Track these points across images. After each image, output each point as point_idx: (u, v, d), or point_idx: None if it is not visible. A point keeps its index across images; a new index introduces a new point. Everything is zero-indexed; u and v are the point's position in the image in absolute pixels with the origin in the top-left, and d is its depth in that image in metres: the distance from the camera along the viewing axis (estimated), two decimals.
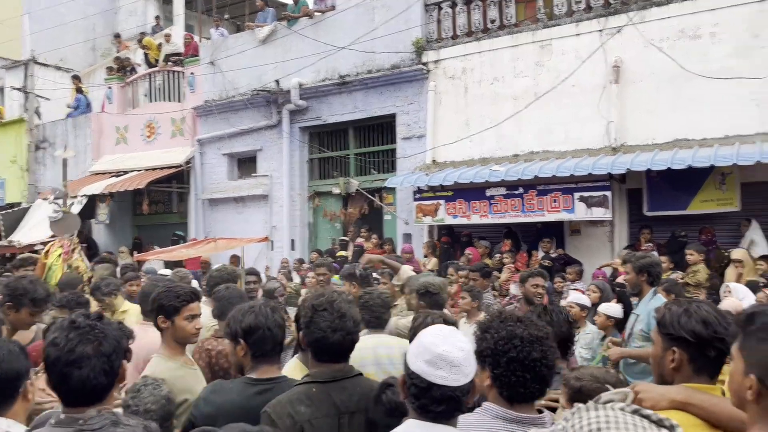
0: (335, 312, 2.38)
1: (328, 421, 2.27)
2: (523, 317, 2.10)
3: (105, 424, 1.31)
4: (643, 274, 4.65)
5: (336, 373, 2.38)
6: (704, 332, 1.92)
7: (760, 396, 1.54)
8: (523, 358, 1.96)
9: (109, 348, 1.87)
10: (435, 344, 1.78)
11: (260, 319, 2.54)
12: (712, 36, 8.82)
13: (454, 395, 1.76)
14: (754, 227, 8.33)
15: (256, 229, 12.89)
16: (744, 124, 8.53)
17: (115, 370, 1.88)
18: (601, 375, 2.51)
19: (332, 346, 2.36)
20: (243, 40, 13.44)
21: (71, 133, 16.19)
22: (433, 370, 1.75)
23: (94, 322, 1.92)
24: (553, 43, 9.98)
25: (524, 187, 9.44)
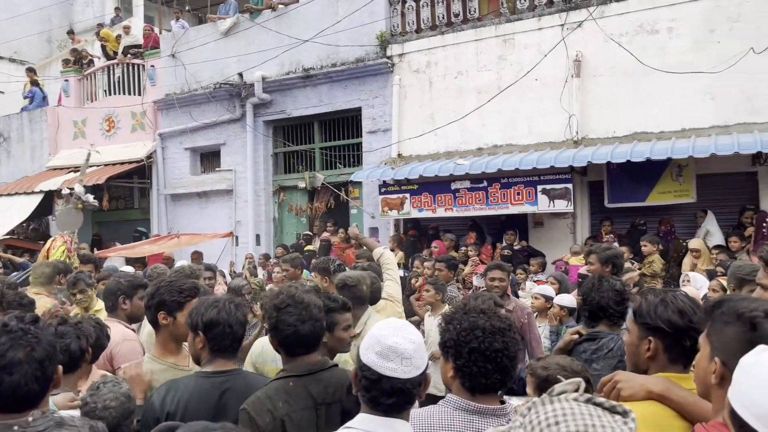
0: (299, 304, 2.40)
1: (306, 414, 2.29)
2: (486, 309, 2.11)
3: (49, 426, 1.29)
4: (608, 265, 4.75)
5: (312, 366, 2.40)
6: (680, 322, 1.95)
7: (723, 380, 1.57)
8: (484, 348, 1.98)
9: (42, 354, 1.79)
10: (386, 336, 1.78)
11: (222, 314, 2.54)
12: (670, 31, 9.02)
13: (404, 387, 1.76)
14: (709, 218, 8.58)
15: (221, 224, 12.74)
16: (700, 117, 8.76)
17: (48, 376, 1.79)
18: (567, 364, 2.54)
19: (305, 338, 2.38)
20: (205, 33, 13.22)
21: (27, 127, 15.70)
22: (383, 362, 1.76)
23: (27, 326, 1.83)
24: (515, 37, 10.08)
25: (488, 180, 9.53)
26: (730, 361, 1.55)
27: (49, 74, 16.91)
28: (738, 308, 1.61)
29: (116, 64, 14.76)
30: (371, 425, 1.78)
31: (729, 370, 1.54)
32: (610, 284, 3.20)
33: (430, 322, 5.58)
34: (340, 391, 2.37)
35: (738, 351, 1.54)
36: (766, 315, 1.57)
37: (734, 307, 1.62)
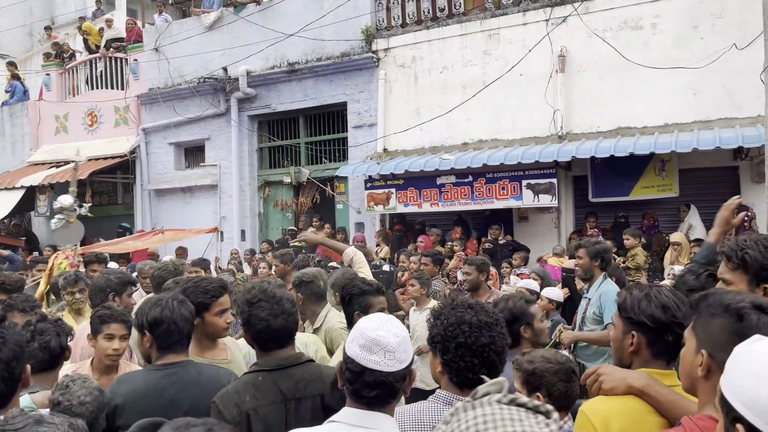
0: (271, 299, 2.40)
1: (273, 409, 2.28)
2: (474, 304, 2.11)
3: (28, 423, 1.27)
4: (597, 259, 4.78)
5: (282, 361, 2.39)
6: (663, 317, 1.95)
7: (710, 372, 1.57)
8: (471, 343, 1.98)
9: (8, 354, 1.74)
10: (370, 329, 1.78)
11: (166, 312, 2.59)
12: (653, 27, 9.08)
13: (387, 381, 1.75)
14: (692, 212, 8.66)
15: (205, 219, 12.65)
16: (682, 112, 8.84)
17: (15, 376, 1.75)
18: (552, 356, 2.56)
19: (277, 332, 2.38)
20: (188, 26, 13.10)
21: (7, 122, 15.48)
22: (367, 354, 1.75)
23: None
24: (500, 32, 10.09)
25: (474, 175, 9.55)
26: (717, 353, 1.55)
27: (30, 68, 16.68)
28: (724, 300, 1.62)
29: (99, 58, 14.59)
30: (354, 419, 1.78)
31: (716, 362, 1.55)
32: None
33: (416, 317, 5.59)
34: (312, 386, 2.36)
35: (725, 342, 1.54)
36: (752, 306, 1.58)
37: (720, 300, 1.63)
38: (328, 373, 2.45)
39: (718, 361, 1.54)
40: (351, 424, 1.77)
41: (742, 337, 1.51)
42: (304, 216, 12.01)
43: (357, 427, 1.76)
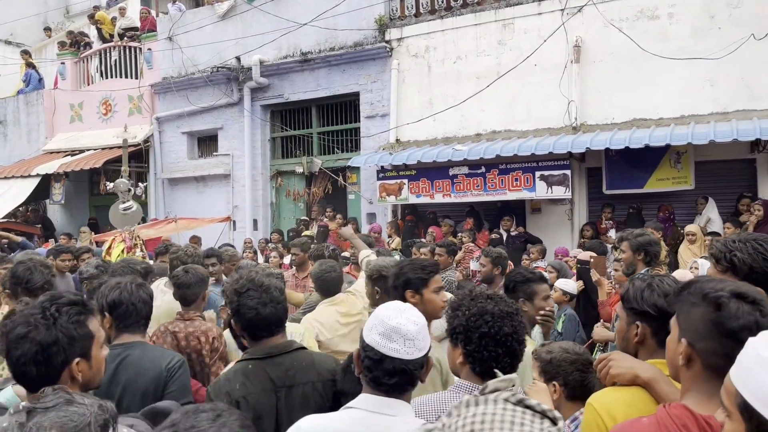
0: (259, 287, 2.42)
1: (263, 396, 2.30)
2: (493, 294, 2.13)
3: (59, 402, 1.29)
4: (640, 252, 4.47)
5: (272, 349, 2.41)
6: (666, 305, 1.94)
7: (690, 361, 1.58)
8: (494, 333, 1.99)
9: (47, 338, 1.76)
10: (389, 317, 1.80)
11: (124, 294, 2.72)
12: (670, 17, 8.96)
13: (406, 368, 1.77)
14: (710, 205, 8.58)
15: (218, 208, 12.72)
16: (699, 104, 8.73)
17: (53, 363, 1.75)
18: (570, 347, 2.58)
19: (266, 320, 2.41)
20: (202, 15, 13.11)
21: (23, 111, 15.62)
22: (386, 342, 1.77)
23: (51, 305, 1.82)
24: (515, 21, 10.01)
25: (486, 166, 9.51)
26: (696, 342, 1.56)
27: (45, 57, 16.77)
28: (704, 289, 1.60)
29: (113, 48, 14.65)
30: (372, 405, 1.79)
31: (695, 351, 1.56)
32: None
33: None
34: (303, 374, 2.38)
35: (703, 332, 1.55)
36: (731, 295, 1.56)
37: (700, 288, 1.62)
38: (319, 360, 2.49)
39: (698, 350, 1.56)
40: (369, 410, 1.79)
41: (720, 327, 1.53)
42: (317, 206, 12.03)
43: (375, 413, 1.78)
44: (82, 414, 1.26)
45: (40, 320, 1.78)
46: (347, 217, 11.32)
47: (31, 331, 1.76)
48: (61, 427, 1.23)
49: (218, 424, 1.16)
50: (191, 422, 1.16)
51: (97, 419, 1.26)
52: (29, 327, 1.77)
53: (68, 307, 1.83)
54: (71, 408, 1.27)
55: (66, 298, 1.90)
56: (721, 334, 1.52)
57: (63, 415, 1.25)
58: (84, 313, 1.87)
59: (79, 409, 1.27)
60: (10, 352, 1.78)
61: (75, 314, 1.83)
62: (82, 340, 1.82)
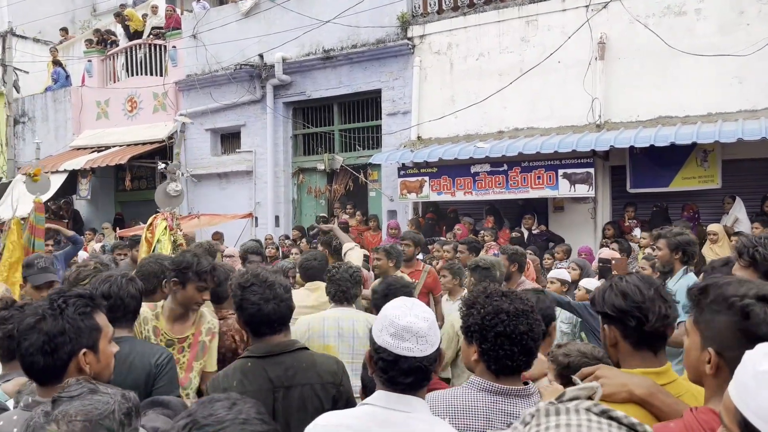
0: (263, 283, 2.41)
1: (261, 396, 2.26)
2: (508, 292, 2.11)
3: (83, 392, 1.32)
4: (678, 252, 4.35)
5: (273, 348, 2.39)
6: (623, 305, 1.88)
7: (718, 369, 1.53)
8: (510, 332, 1.98)
9: (54, 328, 1.78)
10: (399, 317, 1.79)
11: (113, 288, 2.71)
12: (698, 13, 8.81)
13: (421, 365, 1.77)
14: (738, 205, 8.42)
15: (240, 205, 12.82)
16: (726, 101, 8.57)
17: (60, 354, 1.78)
18: (588, 350, 2.50)
19: (268, 317, 2.39)
20: (226, 13, 13.21)
21: (51, 107, 15.90)
22: (399, 342, 1.76)
23: (59, 297, 1.86)
24: (539, 18, 9.92)
25: (509, 164, 9.45)
26: (725, 351, 1.51)
27: (72, 54, 17.05)
28: (726, 295, 1.54)
29: (138, 46, 14.83)
30: (387, 402, 1.80)
31: (724, 360, 1.50)
32: None
33: (448, 307, 5.56)
34: (302, 375, 2.35)
35: (732, 340, 1.50)
36: (757, 299, 1.50)
37: (722, 294, 1.55)
38: (321, 361, 2.46)
39: (727, 359, 1.50)
40: (385, 407, 1.79)
41: (749, 335, 1.46)
42: (338, 203, 12.07)
43: (391, 410, 1.78)
44: (106, 402, 1.29)
45: (47, 311, 1.81)
46: (368, 215, 11.34)
47: (39, 321, 1.80)
48: (86, 414, 1.26)
49: (235, 411, 1.17)
50: (208, 410, 1.18)
51: (120, 407, 1.29)
52: (37, 317, 1.80)
53: (75, 299, 1.87)
54: (96, 397, 1.31)
55: (74, 291, 1.94)
56: (750, 342, 1.47)
57: (88, 404, 1.28)
58: (91, 306, 1.90)
59: (103, 398, 1.30)
60: (20, 343, 1.81)
61: (82, 306, 1.86)
62: (89, 331, 1.85)
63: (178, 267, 3.09)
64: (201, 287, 3.11)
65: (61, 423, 1.24)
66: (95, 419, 1.25)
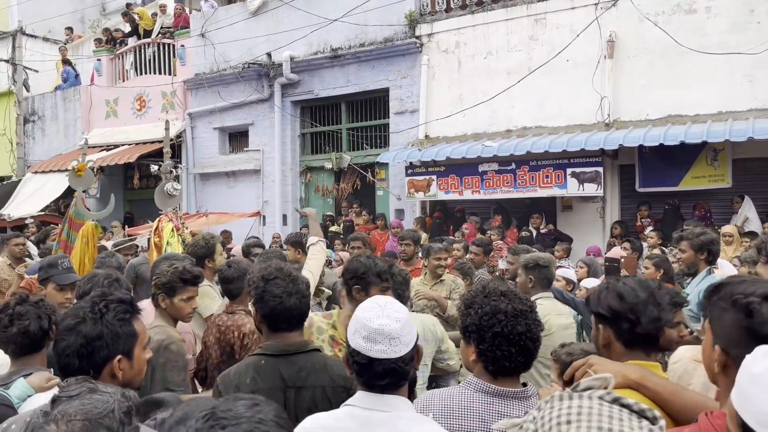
0: (287, 277, 2.40)
1: (272, 394, 2.24)
2: (506, 291, 2.09)
3: (83, 391, 1.32)
4: (703, 252, 4.26)
5: (288, 347, 2.37)
6: (618, 306, 1.92)
7: (726, 367, 1.53)
8: (508, 332, 1.97)
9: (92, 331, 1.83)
10: (370, 319, 1.78)
11: (95, 289, 2.70)
12: (708, 11, 8.74)
13: (396, 366, 1.76)
14: (747, 204, 8.35)
15: (248, 204, 12.84)
16: (737, 100, 8.50)
17: (95, 358, 1.81)
18: (592, 349, 2.45)
19: (289, 311, 2.37)
20: (234, 12, 13.23)
21: (60, 106, 15.98)
22: (372, 345, 1.75)
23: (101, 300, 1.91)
24: (547, 16, 9.87)
25: (517, 163, 9.41)
26: (731, 349, 1.52)
27: (82, 53, 17.13)
28: (734, 293, 1.55)
29: (147, 45, 14.89)
30: (369, 403, 1.79)
31: (730, 358, 1.51)
32: None
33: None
34: (314, 376, 2.34)
35: (736, 338, 1.51)
36: (763, 299, 1.50)
37: (730, 293, 1.57)
38: (332, 364, 2.44)
39: (733, 357, 1.51)
40: (366, 407, 1.79)
41: (752, 334, 1.48)
42: (345, 202, 12.07)
43: (372, 410, 1.78)
44: (106, 401, 1.29)
45: (88, 314, 1.83)
46: (375, 214, 11.33)
47: (79, 323, 1.81)
48: (86, 413, 1.25)
49: (254, 411, 1.18)
50: (229, 406, 1.19)
51: (120, 406, 1.29)
52: (78, 319, 1.82)
53: (116, 305, 1.88)
54: (95, 396, 1.30)
55: (116, 296, 1.95)
56: (754, 340, 1.47)
57: (87, 403, 1.28)
58: (131, 312, 1.91)
59: (102, 397, 1.30)
60: (57, 342, 1.83)
61: (122, 312, 1.87)
62: (126, 337, 1.85)
63: (355, 274, 2.96)
64: (384, 288, 2.94)
65: (61, 423, 1.24)
66: (95, 418, 1.25)
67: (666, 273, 5.19)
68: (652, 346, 1.93)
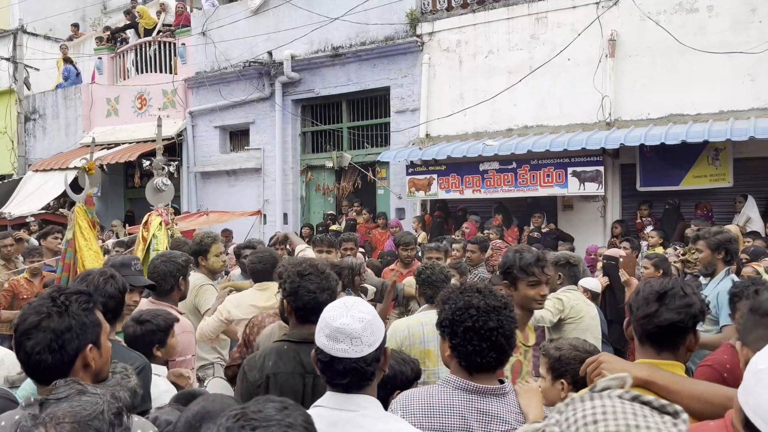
0: (320, 273, 2.53)
1: (292, 378, 2.39)
2: (482, 288, 2.11)
3: (71, 393, 1.30)
4: (720, 251, 4.14)
5: (310, 336, 2.39)
6: (631, 301, 2.03)
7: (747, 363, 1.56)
8: (479, 327, 1.98)
9: (60, 325, 1.76)
10: (333, 318, 1.80)
11: (90, 287, 2.69)
12: (709, 10, 8.72)
13: (357, 366, 1.77)
14: (750, 204, 8.33)
15: (249, 202, 12.84)
16: (738, 99, 8.49)
17: (67, 351, 1.75)
18: (580, 344, 2.55)
19: (321, 306, 2.40)
20: (235, 10, 13.22)
21: (62, 105, 15.99)
22: (333, 343, 1.78)
23: (60, 294, 1.83)
24: (548, 15, 9.86)
25: (518, 162, 9.41)
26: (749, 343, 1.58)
27: (83, 52, 17.13)
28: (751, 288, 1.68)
29: (148, 43, 14.88)
30: (335, 402, 1.81)
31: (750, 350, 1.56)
32: None
33: None
34: None
35: (749, 325, 1.60)
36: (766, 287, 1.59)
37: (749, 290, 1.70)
38: None
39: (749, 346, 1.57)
40: (332, 407, 1.80)
41: (756, 311, 1.55)
42: (346, 201, 12.06)
43: (338, 410, 1.79)
44: (95, 403, 1.27)
45: (52, 308, 1.79)
46: (376, 213, 11.32)
47: (43, 319, 1.76)
48: (75, 416, 1.24)
49: (284, 414, 1.20)
50: (259, 407, 1.20)
51: (110, 407, 1.27)
52: (41, 316, 1.77)
53: (77, 296, 1.85)
54: (84, 398, 1.28)
55: (72, 288, 1.93)
56: (761, 318, 1.51)
57: (76, 404, 1.26)
58: (91, 302, 1.89)
59: (92, 399, 1.28)
60: (21, 343, 1.76)
61: (84, 302, 1.85)
62: (92, 326, 1.84)
63: (505, 268, 2.86)
64: (532, 282, 2.79)
65: (49, 426, 1.22)
66: (84, 420, 1.23)
67: (665, 273, 5.18)
68: (663, 345, 1.93)
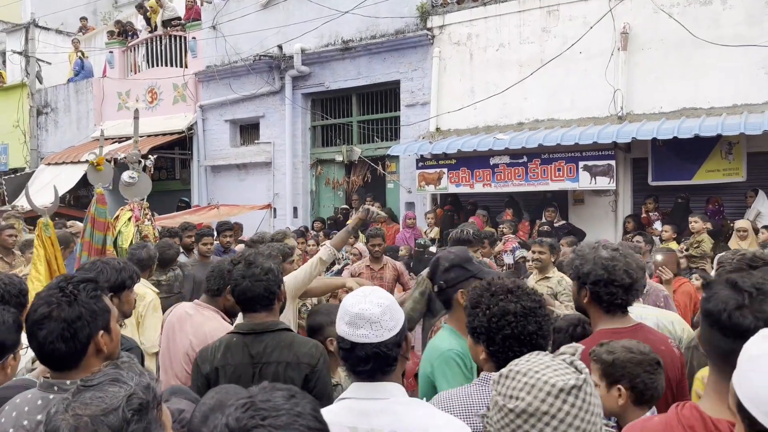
0: (250, 265, 2.64)
1: (241, 369, 2.52)
2: (513, 288, 2.00)
3: (103, 381, 1.30)
4: None
5: (255, 326, 2.60)
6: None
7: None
8: (518, 333, 1.91)
9: (71, 314, 1.80)
10: (353, 305, 1.81)
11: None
12: (723, 2, 8.63)
13: (379, 351, 1.77)
14: (761, 198, 8.26)
15: (259, 196, 12.88)
16: (753, 92, 8.40)
17: (80, 338, 1.80)
18: (634, 346, 2.29)
19: (243, 293, 2.60)
20: (245, 4, 13.21)
21: (73, 98, 16.07)
22: (353, 330, 1.78)
23: (68, 284, 1.87)
24: (560, 8, 9.78)
25: (528, 156, 9.36)
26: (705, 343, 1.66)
27: (94, 46, 17.20)
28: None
29: (159, 37, 14.91)
30: (364, 392, 1.79)
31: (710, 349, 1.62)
32: None
33: None
34: (278, 353, 2.53)
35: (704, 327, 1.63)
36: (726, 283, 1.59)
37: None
38: (299, 342, 2.61)
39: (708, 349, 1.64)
40: (361, 398, 1.79)
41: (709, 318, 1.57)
42: (356, 194, 12.06)
43: (368, 399, 1.77)
44: (115, 397, 1.26)
45: (61, 298, 1.83)
46: (385, 206, 11.31)
47: (53, 309, 1.81)
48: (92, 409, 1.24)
49: (292, 403, 1.20)
50: (267, 396, 1.21)
51: (129, 403, 1.26)
52: (51, 306, 1.82)
53: (85, 284, 1.90)
54: (112, 389, 1.28)
55: (79, 276, 1.97)
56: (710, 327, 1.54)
57: (98, 396, 1.27)
58: (98, 288, 1.94)
59: (117, 391, 1.27)
60: (34, 333, 1.81)
61: (92, 290, 1.89)
62: (102, 313, 1.89)
63: None
64: None
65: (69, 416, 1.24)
66: (98, 415, 1.24)
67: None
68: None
